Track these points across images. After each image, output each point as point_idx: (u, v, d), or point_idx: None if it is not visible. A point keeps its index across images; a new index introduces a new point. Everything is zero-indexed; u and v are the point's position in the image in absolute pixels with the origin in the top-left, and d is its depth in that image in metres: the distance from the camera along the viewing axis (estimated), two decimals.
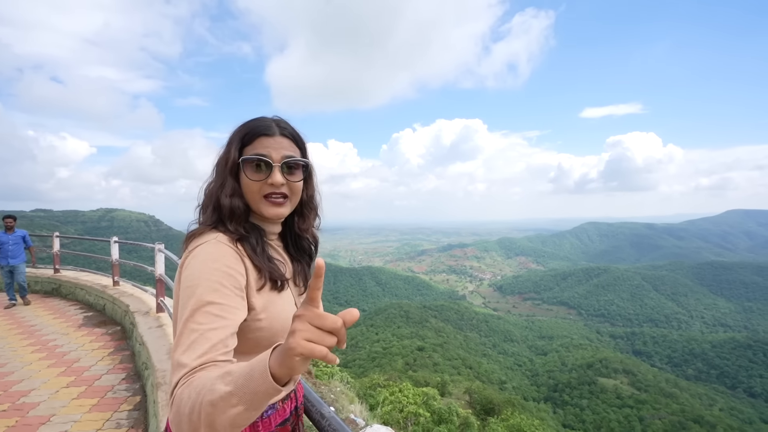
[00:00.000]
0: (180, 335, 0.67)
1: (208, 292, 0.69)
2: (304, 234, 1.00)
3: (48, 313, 6.16)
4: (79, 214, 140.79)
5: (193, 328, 0.66)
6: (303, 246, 1.01)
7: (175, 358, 0.66)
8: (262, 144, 0.86)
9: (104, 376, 3.83)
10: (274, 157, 0.85)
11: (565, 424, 43.94)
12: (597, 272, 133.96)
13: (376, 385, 12.70)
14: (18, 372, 3.90)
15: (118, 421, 2.99)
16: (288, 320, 0.84)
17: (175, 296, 0.77)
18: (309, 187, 0.97)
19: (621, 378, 52.99)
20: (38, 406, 3.21)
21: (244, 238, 0.84)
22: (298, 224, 0.98)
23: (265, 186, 0.85)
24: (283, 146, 0.87)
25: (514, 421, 14.25)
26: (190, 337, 0.66)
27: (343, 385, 6.75)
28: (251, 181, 0.85)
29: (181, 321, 0.68)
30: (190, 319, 0.66)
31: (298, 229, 0.99)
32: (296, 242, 1.00)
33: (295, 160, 0.87)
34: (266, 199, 0.87)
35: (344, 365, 29.24)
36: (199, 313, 0.67)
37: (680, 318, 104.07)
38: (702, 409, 45.99)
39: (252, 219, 0.91)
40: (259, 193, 0.86)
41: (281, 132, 0.88)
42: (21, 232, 6.88)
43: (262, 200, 0.86)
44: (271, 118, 0.90)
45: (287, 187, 0.87)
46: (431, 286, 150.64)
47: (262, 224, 0.92)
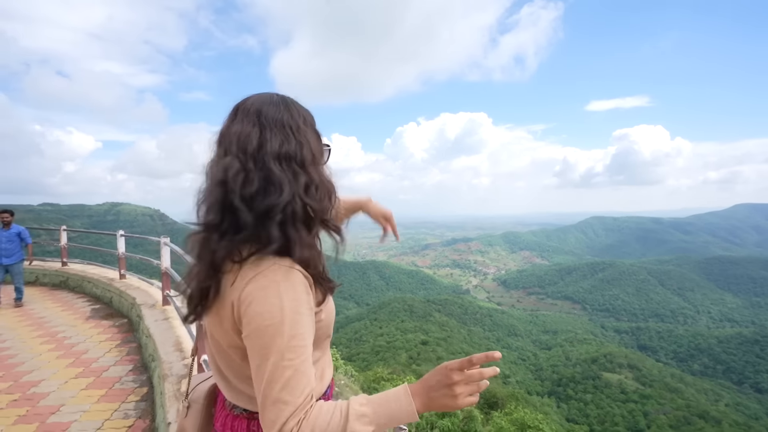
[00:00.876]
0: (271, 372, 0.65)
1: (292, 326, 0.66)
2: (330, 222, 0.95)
3: (56, 306, 6.24)
4: (86, 208, 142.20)
5: (285, 365, 0.65)
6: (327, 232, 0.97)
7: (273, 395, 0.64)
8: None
9: (112, 367, 3.88)
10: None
11: (569, 419, 44.06)
12: (602, 267, 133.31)
13: (380, 379, 12.80)
14: (28, 363, 3.96)
15: (126, 412, 3.03)
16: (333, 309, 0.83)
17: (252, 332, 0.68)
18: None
19: (626, 373, 52.93)
20: (48, 396, 3.26)
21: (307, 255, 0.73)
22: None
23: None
24: None
25: (518, 415, 14.28)
26: (284, 374, 0.65)
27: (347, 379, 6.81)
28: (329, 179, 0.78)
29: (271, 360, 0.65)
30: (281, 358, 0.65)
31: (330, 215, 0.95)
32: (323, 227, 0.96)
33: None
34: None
35: (348, 359, 29.43)
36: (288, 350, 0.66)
37: (686, 313, 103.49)
38: (708, 405, 45.90)
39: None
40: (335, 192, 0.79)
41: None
42: (17, 228, 6.38)
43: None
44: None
45: None
46: (435, 281, 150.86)
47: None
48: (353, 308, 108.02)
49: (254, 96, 0.77)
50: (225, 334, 0.72)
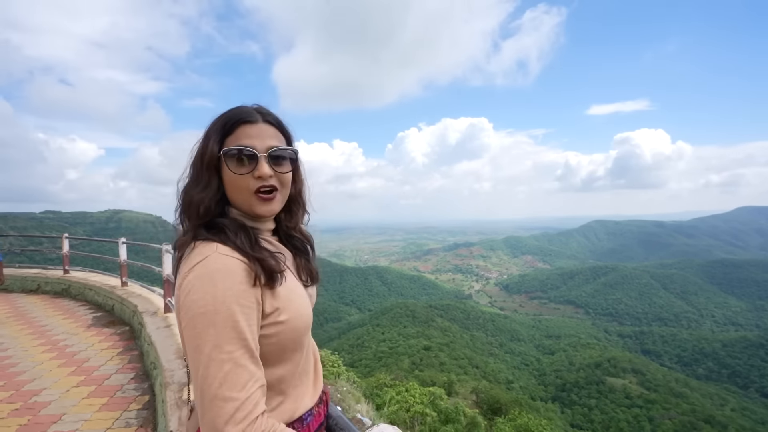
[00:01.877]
0: (207, 366, 0.62)
1: (228, 316, 0.63)
2: (291, 232, 0.92)
3: (58, 314, 6.24)
4: (88, 215, 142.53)
5: (222, 358, 0.62)
6: (295, 244, 0.92)
7: (212, 391, 0.61)
8: (244, 133, 0.76)
9: (113, 375, 3.87)
10: (259, 147, 0.76)
11: (573, 424, 43.69)
12: (605, 271, 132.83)
13: (382, 385, 12.72)
14: (29, 371, 3.96)
15: (128, 420, 3.02)
16: (307, 315, 0.80)
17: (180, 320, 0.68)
18: (297, 181, 0.89)
19: (630, 377, 52.50)
20: (49, 405, 3.25)
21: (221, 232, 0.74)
22: (285, 221, 0.90)
23: (252, 180, 0.76)
24: (268, 134, 0.79)
25: (522, 421, 14.18)
26: (222, 368, 0.62)
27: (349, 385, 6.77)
28: (236, 176, 0.75)
29: (205, 351, 0.62)
30: (216, 348, 0.62)
31: (285, 226, 0.91)
32: (288, 240, 0.92)
33: (281, 149, 0.79)
34: (256, 195, 0.77)
35: (350, 365, 29.28)
36: (226, 341, 0.62)
37: (690, 317, 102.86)
38: (713, 409, 45.44)
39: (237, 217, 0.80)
40: (247, 189, 0.77)
41: (264, 119, 0.80)
42: None
43: (252, 196, 0.77)
44: (252, 106, 0.81)
45: (276, 179, 0.79)
46: (437, 286, 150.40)
47: (250, 222, 0.81)
48: (355, 314, 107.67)
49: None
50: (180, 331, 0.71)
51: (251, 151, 0.75)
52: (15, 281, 8.16)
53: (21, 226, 76.54)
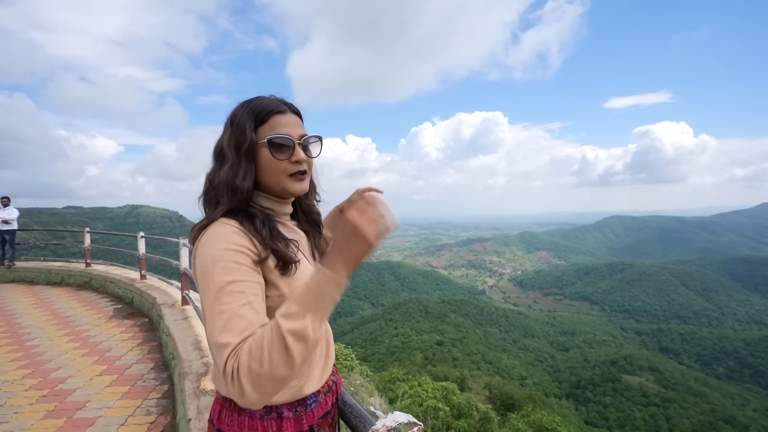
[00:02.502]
0: (210, 319, 0.68)
1: (224, 272, 0.71)
2: (311, 209, 1.04)
3: (81, 305, 6.44)
4: (107, 210, 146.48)
5: (221, 309, 0.67)
6: (314, 219, 1.04)
7: (214, 340, 0.66)
8: (278, 122, 0.85)
9: (134, 365, 3.99)
10: (294, 135, 0.86)
11: (587, 422, 43.18)
12: (621, 267, 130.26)
13: (395, 379, 12.80)
14: (55, 360, 4.11)
15: (148, 408, 3.11)
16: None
17: (197, 286, 0.78)
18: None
19: (647, 375, 51.55)
20: (74, 392, 3.37)
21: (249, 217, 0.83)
22: (304, 200, 1.01)
23: (289, 165, 0.85)
24: (297, 123, 0.89)
25: (535, 417, 14.09)
26: (222, 317, 0.67)
27: (362, 379, 6.83)
28: (276, 161, 0.84)
29: (207, 306, 0.70)
30: (216, 301, 0.68)
31: (304, 204, 1.02)
32: (307, 217, 1.03)
33: (312, 136, 0.90)
34: (290, 177, 0.87)
35: (363, 359, 29.48)
36: (223, 293, 0.69)
37: (710, 315, 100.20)
38: (734, 409, 44.34)
39: (262, 202, 0.90)
40: (285, 172, 0.86)
41: (290, 109, 0.89)
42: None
43: (287, 178, 0.87)
44: (273, 96, 0.90)
45: (306, 163, 0.89)
46: (450, 281, 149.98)
47: (274, 206, 0.92)
48: (368, 309, 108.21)
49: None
50: None
51: (291, 139, 0.84)
52: (40, 274, 8.45)
53: (44, 221, 79.05)
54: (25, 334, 5.00)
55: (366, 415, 0.93)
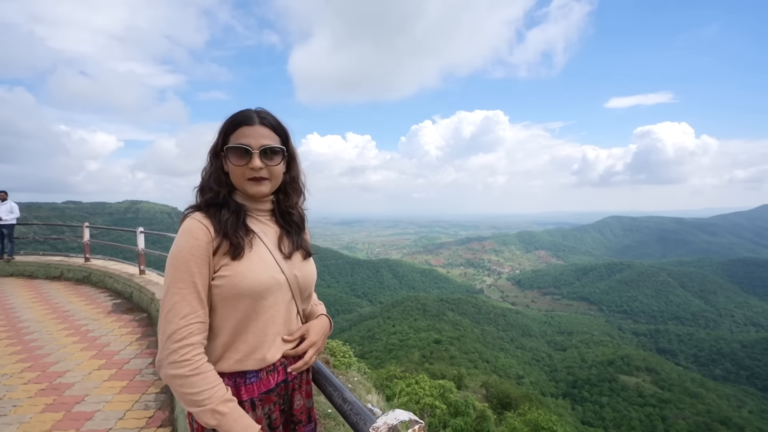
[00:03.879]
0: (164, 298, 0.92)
1: (184, 262, 0.92)
2: (289, 209, 1.17)
3: (80, 300, 6.46)
4: (107, 205, 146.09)
5: (173, 292, 0.91)
6: (293, 220, 1.18)
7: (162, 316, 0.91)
8: (243, 133, 1.02)
9: (132, 360, 4.00)
10: (253, 145, 1.01)
11: (584, 421, 43.31)
12: (620, 267, 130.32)
13: (392, 377, 12.81)
14: (54, 354, 4.12)
15: (146, 403, 3.13)
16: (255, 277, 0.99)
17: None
18: (292, 170, 1.16)
19: (643, 376, 51.68)
20: (73, 386, 3.39)
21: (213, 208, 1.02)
22: (283, 202, 1.16)
23: (247, 170, 1.02)
24: (263, 135, 1.03)
25: (532, 416, 14.12)
26: (172, 299, 0.90)
27: (360, 376, 6.85)
28: (234, 166, 1.02)
29: (166, 287, 0.93)
30: (173, 285, 0.91)
31: (283, 205, 1.16)
32: (285, 217, 1.17)
33: (272, 146, 1.03)
34: (250, 181, 1.04)
35: (361, 356, 29.54)
36: (179, 280, 0.91)
37: (708, 316, 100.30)
38: (730, 411, 44.50)
39: (238, 199, 1.08)
40: (243, 176, 1.03)
41: (261, 121, 1.04)
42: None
43: (246, 182, 1.04)
44: (254, 109, 1.06)
45: (267, 170, 1.04)
46: (449, 280, 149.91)
47: (248, 203, 1.09)
48: (366, 306, 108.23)
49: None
50: None
51: (247, 147, 1.01)
52: (39, 268, 8.46)
53: (44, 215, 78.81)
54: (24, 327, 5.01)
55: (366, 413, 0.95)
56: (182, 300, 0.90)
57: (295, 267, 1.12)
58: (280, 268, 1.06)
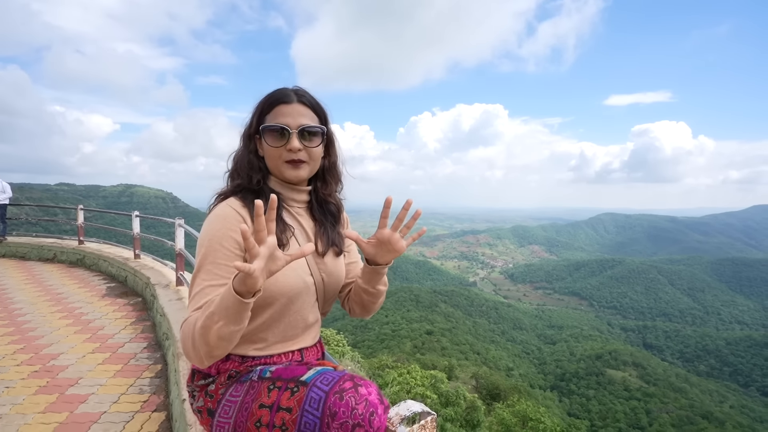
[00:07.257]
0: (191, 285, 0.87)
1: (210, 252, 0.85)
2: (328, 199, 1.09)
3: (73, 283, 6.40)
4: (101, 188, 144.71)
5: (197, 282, 0.85)
6: (330, 209, 1.09)
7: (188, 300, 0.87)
8: (280, 112, 0.94)
9: (127, 344, 3.99)
10: (292, 124, 0.93)
11: (570, 413, 44.19)
12: (611, 264, 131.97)
13: (384, 366, 12.95)
14: (47, 336, 4.09)
15: (141, 387, 3.12)
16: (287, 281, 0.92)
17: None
18: (331, 154, 1.07)
19: (630, 370, 52.74)
20: (67, 369, 3.37)
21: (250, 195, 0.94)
22: (321, 189, 1.07)
23: (285, 152, 0.94)
24: (301, 113, 0.95)
25: (520, 408, 14.38)
26: (194, 289, 0.85)
27: (353, 364, 6.92)
28: (271, 147, 0.94)
29: (193, 276, 0.88)
30: (197, 275, 0.86)
31: (321, 194, 1.08)
32: (322, 207, 1.08)
33: (311, 126, 0.95)
34: (287, 164, 0.96)
35: (354, 345, 29.79)
36: (203, 270, 0.85)
37: (695, 314, 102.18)
38: (712, 406, 45.62)
39: (273, 186, 1.00)
40: (280, 158, 0.95)
41: (299, 100, 0.96)
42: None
43: (283, 164, 0.95)
44: (291, 88, 0.98)
45: (305, 152, 0.96)
46: (442, 272, 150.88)
47: (284, 191, 1.01)
48: None
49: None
50: None
51: (285, 127, 0.93)
52: (32, 249, 8.37)
53: (36, 197, 77.86)
54: (16, 309, 4.96)
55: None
56: (201, 291, 0.85)
57: (325, 268, 1.04)
58: (309, 269, 1.00)
